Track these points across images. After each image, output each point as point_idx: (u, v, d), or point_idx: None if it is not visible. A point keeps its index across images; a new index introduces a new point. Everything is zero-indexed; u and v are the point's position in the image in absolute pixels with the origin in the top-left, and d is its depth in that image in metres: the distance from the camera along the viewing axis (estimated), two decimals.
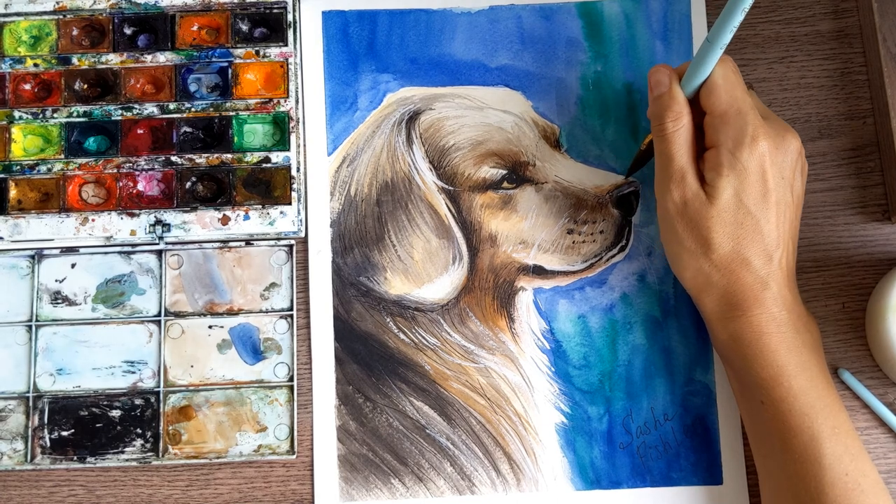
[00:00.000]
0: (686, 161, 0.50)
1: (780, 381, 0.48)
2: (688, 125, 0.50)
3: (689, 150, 0.50)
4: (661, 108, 0.51)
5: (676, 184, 0.50)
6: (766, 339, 0.49)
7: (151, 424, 0.55)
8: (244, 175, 0.57)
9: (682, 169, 0.50)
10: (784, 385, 0.48)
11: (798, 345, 0.49)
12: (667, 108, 0.50)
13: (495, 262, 0.56)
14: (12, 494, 0.55)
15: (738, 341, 0.50)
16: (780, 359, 0.49)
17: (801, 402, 0.48)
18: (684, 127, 0.50)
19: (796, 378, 0.48)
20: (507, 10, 0.59)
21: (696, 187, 0.50)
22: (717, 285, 0.50)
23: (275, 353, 0.56)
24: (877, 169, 0.57)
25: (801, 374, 0.49)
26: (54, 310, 0.56)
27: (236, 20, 0.58)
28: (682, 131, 0.50)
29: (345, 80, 0.58)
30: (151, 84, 0.58)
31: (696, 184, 0.50)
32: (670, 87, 0.51)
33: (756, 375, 0.49)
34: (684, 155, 0.50)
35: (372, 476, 0.55)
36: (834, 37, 0.59)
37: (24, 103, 0.57)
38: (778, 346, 0.49)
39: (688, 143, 0.50)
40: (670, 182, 0.50)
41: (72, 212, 0.56)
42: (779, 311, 0.49)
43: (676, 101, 0.50)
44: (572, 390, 0.56)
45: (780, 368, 0.49)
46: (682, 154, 0.50)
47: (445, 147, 0.57)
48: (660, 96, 0.51)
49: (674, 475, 0.55)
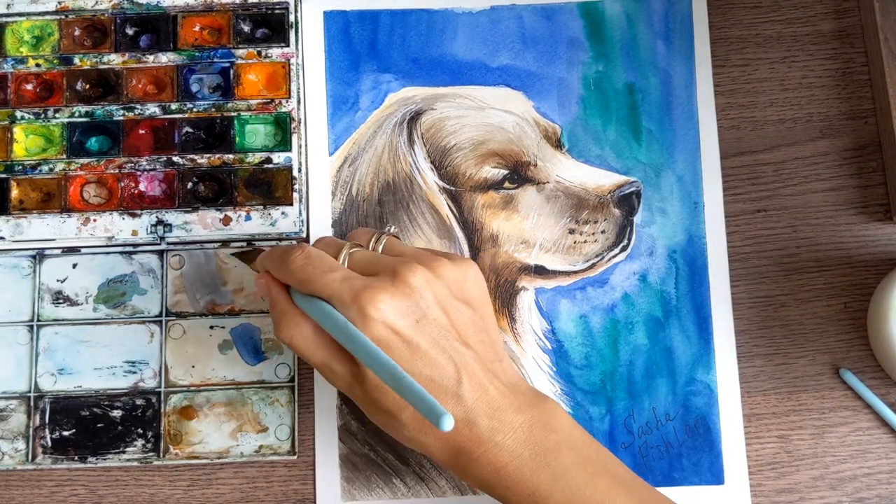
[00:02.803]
0: (322, 355, 0.47)
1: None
2: (302, 326, 0.47)
3: (319, 344, 0.47)
4: (273, 318, 0.48)
5: (331, 377, 0.47)
6: (505, 472, 0.45)
7: (152, 424, 0.55)
8: (246, 175, 0.57)
9: (324, 364, 0.47)
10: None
11: (540, 457, 0.45)
12: (276, 320, 0.48)
13: (497, 262, 0.56)
14: (14, 494, 0.55)
15: (485, 485, 0.46)
16: (528, 485, 0.45)
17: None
18: (297, 332, 0.47)
19: (553, 496, 0.45)
20: (509, 9, 0.59)
21: (347, 371, 0.46)
22: (429, 444, 0.46)
23: (276, 354, 0.56)
24: (878, 169, 0.57)
25: (556, 487, 0.45)
26: (56, 310, 0.56)
27: (238, 21, 0.58)
28: (299, 336, 0.47)
29: (346, 80, 0.58)
30: (153, 84, 0.58)
31: (347, 367, 0.46)
32: (272, 298, 0.48)
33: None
34: (316, 352, 0.47)
35: (374, 476, 0.55)
36: (836, 36, 0.59)
37: (25, 103, 0.57)
38: (520, 475, 0.45)
39: (312, 339, 0.47)
40: (325, 376, 0.47)
41: (73, 212, 0.56)
42: (503, 438, 0.45)
43: (283, 312, 0.48)
44: (574, 390, 0.55)
45: (533, 495, 0.45)
46: (314, 352, 0.47)
47: (447, 147, 0.57)
48: (269, 306, 0.49)
49: (675, 475, 0.55)
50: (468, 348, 0.46)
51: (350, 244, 0.49)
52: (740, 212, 0.57)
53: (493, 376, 0.46)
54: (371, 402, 0.46)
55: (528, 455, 0.45)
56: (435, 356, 0.45)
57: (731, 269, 0.56)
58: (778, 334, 0.56)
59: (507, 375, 0.48)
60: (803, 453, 0.55)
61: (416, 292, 0.45)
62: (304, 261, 0.47)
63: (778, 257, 0.57)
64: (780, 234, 0.57)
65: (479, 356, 0.46)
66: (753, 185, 0.57)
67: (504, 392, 0.46)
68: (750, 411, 0.55)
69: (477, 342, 0.47)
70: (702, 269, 0.56)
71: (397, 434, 0.47)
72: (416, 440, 0.46)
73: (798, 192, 0.57)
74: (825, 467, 0.55)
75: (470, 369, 0.46)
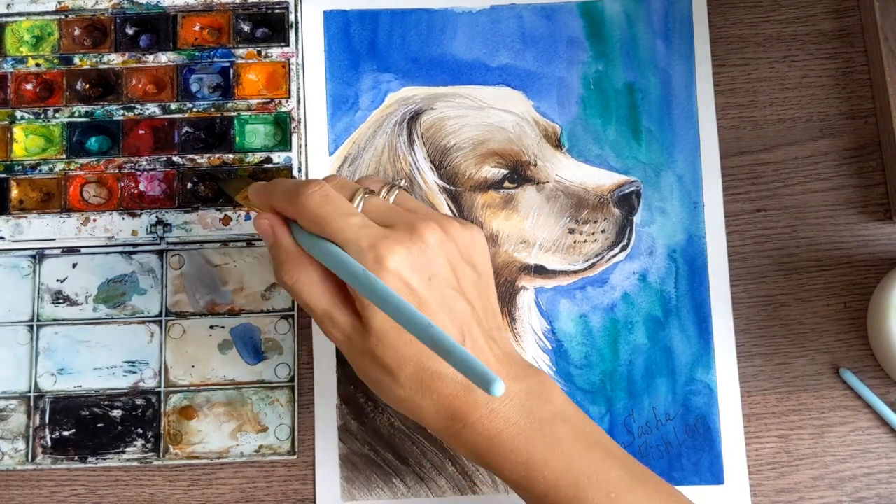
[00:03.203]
0: (325, 302, 0.45)
1: (535, 477, 0.44)
2: (308, 270, 0.46)
3: (324, 289, 0.46)
4: (275, 261, 0.47)
5: (329, 328, 0.46)
6: (500, 440, 0.44)
7: (152, 424, 0.55)
8: (246, 175, 0.57)
9: (326, 312, 0.46)
10: (539, 479, 0.44)
11: (536, 426, 0.45)
12: (280, 263, 0.46)
13: (497, 261, 0.56)
14: (14, 494, 0.55)
15: (478, 453, 0.45)
16: (522, 454, 0.44)
17: (563, 487, 0.44)
18: (303, 276, 0.46)
19: (547, 465, 0.44)
20: (509, 9, 0.59)
21: (349, 322, 0.45)
22: (425, 406, 0.45)
23: (276, 354, 0.56)
24: (878, 168, 0.57)
25: (551, 458, 0.44)
26: (55, 310, 0.56)
27: (238, 20, 0.58)
28: (304, 281, 0.46)
29: (346, 79, 0.58)
30: (153, 84, 0.58)
31: (349, 318, 0.45)
32: (276, 238, 0.47)
33: (510, 480, 0.45)
34: (320, 298, 0.45)
35: (373, 476, 0.55)
36: (836, 36, 0.59)
37: (25, 103, 0.57)
38: (515, 443, 0.44)
39: (317, 284, 0.46)
40: (323, 327, 0.46)
41: (73, 212, 0.56)
42: (499, 404, 0.44)
43: (289, 254, 0.46)
44: (574, 390, 0.55)
45: (527, 465, 0.44)
46: (318, 299, 0.46)
47: (447, 147, 0.57)
48: (270, 247, 0.47)
49: (675, 475, 0.55)
50: (472, 309, 0.46)
51: (364, 189, 0.47)
52: (740, 211, 0.57)
53: (494, 341, 0.46)
54: (369, 357, 0.45)
55: (523, 424, 0.45)
56: (441, 317, 0.44)
57: (731, 269, 0.56)
58: (778, 334, 0.56)
59: (505, 343, 0.47)
60: (803, 453, 0.55)
61: (431, 249, 0.45)
62: (322, 199, 0.45)
63: (778, 257, 0.57)
64: (780, 233, 0.57)
65: (481, 319, 0.46)
66: (753, 185, 0.57)
67: (502, 359, 0.46)
68: (750, 411, 0.55)
69: (480, 306, 0.46)
70: (702, 268, 0.56)
71: (390, 394, 0.46)
72: (411, 401, 0.45)
73: (798, 192, 0.57)
74: (825, 467, 0.55)
75: (473, 332, 0.45)
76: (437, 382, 0.45)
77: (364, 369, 0.46)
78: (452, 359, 0.39)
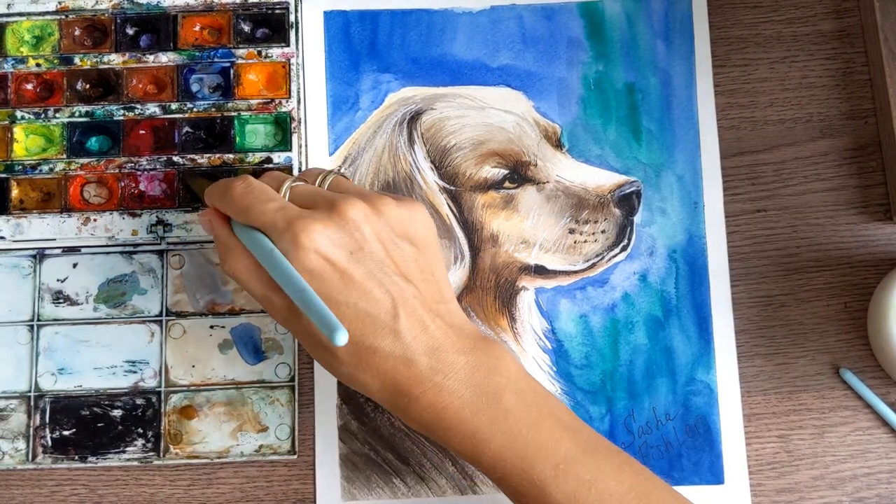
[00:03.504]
0: (262, 287, 0.46)
1: (482, 450, 0.44)
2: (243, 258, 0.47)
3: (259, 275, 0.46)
4: (217, 250, 0.49)
5: (270, 310, 0.47)
6: (445, 413, 0.44)
7: (153, 424, 0.55)
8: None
9: (264, 296, 0.47)
10: (486, 452, 0.44)
11: (481, 399, 0.44)
12: (220, 254, 0.48)
13: (497, 261, 0.56)
14: (14, 494, 0.55)
15: (427, 427, 0.45)
16: (468, 427, 0.44)
17: (509, 460, 0.44)
18: (239, 264, 0.47)
19: (493, 438, 0.44)
20: (509, 9, 0.59)
21: (283, 304, 0.46)
22: (368, 382, 0.45)
23: (276, 354, 0.56)
24: (878, 168, 0.57)
25: (497, 430, 0.44)
26: (56, 309, 0.56)
27: (238, 20, 0.58)
28: (240, 269, 0.47)
29: (346, 80, 0.58)
30: (153, 84, 0.58)
31: (283, 300, 0.46)
32: (215, 232, 0.49)
33: (461, 453, 0.45)
34: (256, 284, 0.47)
35: (374, 475, 0.55)
36: (836, 36, 0.59)
37: (26, 103, 0.57)
38: (460, 416, 0.44)
39: (253, 271, 0.47)
40: (267, 310, 0.47)
41: (73, 212, 0.56)
42: (443, 378, 0.44)
43: (225, 244, 0.48)
44: (574, 390, 0.55)
45: (474, 438, 0.44)
46: (254, 284, 0.47)
47: (447, 147, 0.57)
48: (214, 239, 0.49)
49: (675, 475, 0.55)
50: (409, 283, 0.46)
51: (293, 178, 0.49)
52: (740, 212, 0.57)
53: (436, 315, 0.46)
54: (308, 336, 0.46)
55: (468, 396, 0.45)
56: (371, 288, 0.44)
57: (731, 269, 0.56)
58: (778, 334, 0.56)
59: (453, 316, 0.47)
60: (803, 453, 0.55)
61: (351, 224, 0.45)
62: (244, 189, 0.47)
63: (778, 257, 0.57)
64: (780, 233, 0.57)
65: (420, 293, 0.46)
66: (753, 185, 0.57)
67: (447, 332, 0.46)
68: (750, 411, 0.55)
69: (420, 280, 0.46)
70: (702, 268, 0.56)
71: (336, 371, 0.46)
72: (355, 378, 0.46)
73: (798, 192, 0.57)
74: (825, 467, 0.55)
75: (409, 305, 0.45)
76: (373, 357, 0.45)
77: (310, 348, 0.47)
78: (307, 308, 0.41)
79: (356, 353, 0.45)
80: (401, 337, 0.45)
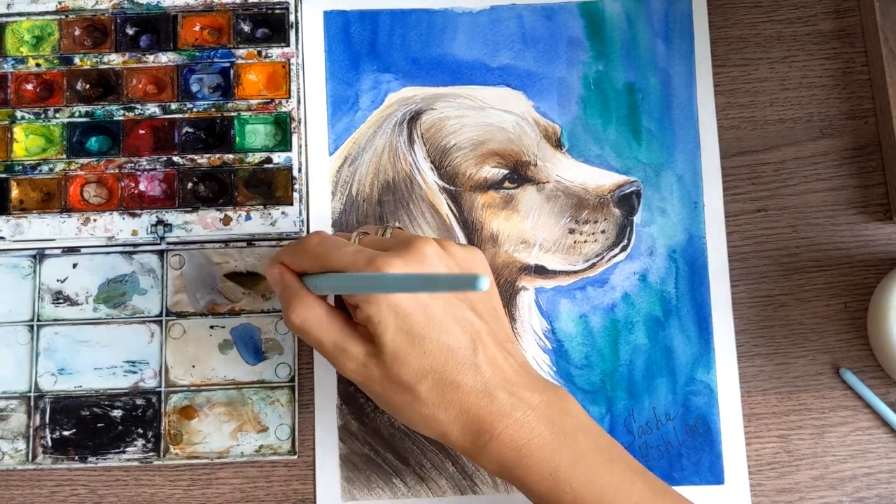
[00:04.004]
0: (335, 336, 0.47)
1: (562, 489, 0.45)
2: (315, 307, 0.47)
3: (332, 324, 0.47)
4: (283, 304, 0.48)
5: (343, 360, 0.47)
6: (527, 450, 0.45)
7: (153, 424, 0.55)
8: (246, 175, 0.57)
9: (337, 345, 0.47)
10: (567, 491, 0.45)
11: (560, 437, 0.45)
12: (287, 303, 0.48)
13: (497, 261, 0.56)
14: (14, 494, 0.55)
15: (504, 466, 0.46)
16: (550, 465, 0.45)
17: (589, 499, 0.45)
18: (311, 313, 0.47)
19: (574, 477, 0.45)
20: (509, 9, 0.59)
21: (361, 350, 0.46)
22: (449, 422, 0.46)
23: (276, 354, 0.56)
24: (878, 168, 0.57)
25: (577, 470, 0.45)
26: (56, 310, 0.56)
27: (238, 20, 0.58)
28: (311, 318, 0.47)
29: (346, 80, 0.58)
30: (153, 84, 0.58)
31: (361, 346, 0.46)
32: (284, 282, 0.49)
33: (537, 493, 0.46)
34: (329, 332, 0.47)
35: (374, 476, 0.55)
36: (836, 36, 0.59)
37: (26, 103, 0.57)
38: (542, 454, 0.45)
39: (325, 319, 0.47)
40: (336, 361, 0.47)
41: (73, 212, 0.56)
42: (523, 414, 0.45)
43: (295, 294, 0.48)
44: (574, 390, 0.55)
45: (554, 476, 0.45)
46: (327, 333, 0.47)
47: (447, 147, 0.57)
48: (280, 293, 0.49)
49: (675, 475, 0.55)
50: (481, 321, 0.47)
51: (359, 231, 0.50)
52: (740, 211, 0.57)
53: (507, 353, 0.47)
54: (387, 380, 0.46)
55: (548, 435, 0.45)
56: (450, 325, 0.45)
57: (731, 269, 0.57)
58: (778, 334, 0.56)
59: (519, 356, 0.48)
60: (803, 453, 0.55)
61: (428, 259, 0.46)
62: (319, 240, 0.48)
63: (778, 257, 0.57)
64: (781, 233, 0.57)
65: (492, 331, 0.47)
66: (753, 185, 0.57)
67: (518, 371, 0.47)
68: (750, 411, 0.55)
69: (490, 318, 0.47)
70: (702, 268, 0.56)
71: (414, 414, 0.46)
72: (434, 419, 0.46)
73: (798, 192, 0.57)
74: (825, 467, 0.55)
75: (484, 341, 0.46)
76: (457, 393, 0.45)
77: (385, 395, 0.47)
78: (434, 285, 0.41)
79: (439, 390, 0.45)
80: (481, 372, 0.45)
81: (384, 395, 0.47)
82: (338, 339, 0.47)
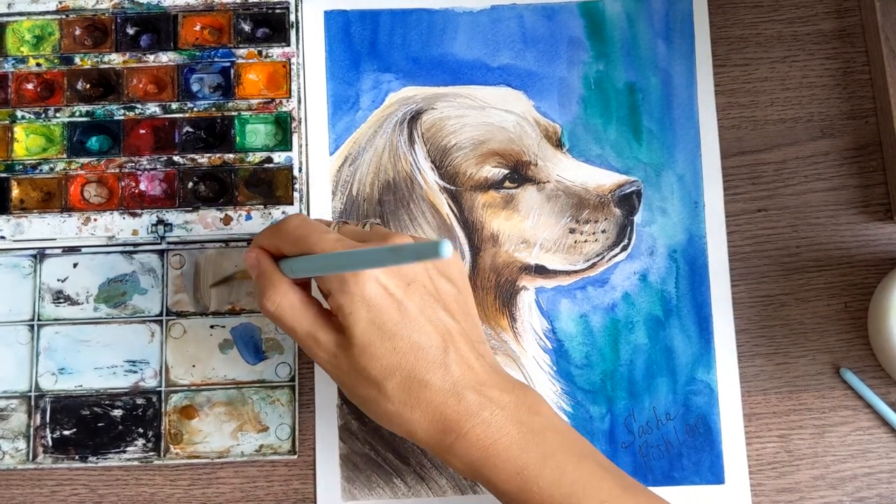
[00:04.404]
0: (308, 323, 0.47)
1: (530, 488, 0.45)
2: (289, 294, 0.47)
3: (306, 311, 0.47)
4: (258, 290, 0.48)
5: (314, 348, 0.47)
6: (494, 449, 0.45)
7: (153, 424, 0.55)
8: (246, 175, 0.57)
9: (309, 333, 0.47)
10: (534, 490, 0.45)
11: (528, 436, 0.45)
12: (262, 290, 0.47)
13: (497, 261, 0.56)
14: (14, 493, 0.55)
15: (472, 466, 0.45)
16: (517, 464, 0.45)
17: (557, 497, 0.44)
18: (284, 300, 0.47)
19: (542, 475, 0.45)
20: (509, 9, 0.59)
21: (332, 339, 0.46)
22: (415, 420, 0.45)
23: (276, 353, 0.56)
24: (879, 168, 0.57)
25: (545, 468, 0.45)
26: (56, 309, 0.56)
27: (239, 20, 0.58)
28: (285, 305, 0.47)
29: (347, 79, 0.58)
30: (154, 84, 0.58)
31: (332, 335, 0.46)
32: (260, 267, 0.48)
33: (505, 492, 0.45)
34: (302, 320, 0.47)
35: (374, 475, 0.55)
36: (836, 36, 0.59)
37: (26, 103, 0.57)
38: (509, 453, 0.45)
39: (298, 307, 0.47)
40: (308, 348, 0.47)
41: (74, 211, 0.56)
42: (490, 414, 0.45)
43: (270, 280, 0.47)
44: (574, 390, 0.55)
45: (521, 476, 0.45)
46: (299, 321, 0.47)
47: (447, 146, 0.57)
48: (256, 278, 0.49)
49: (675, 475, 0.55)
50: (454, 320, 0.46)
51: (339, 220, 0.50)
52: (741, 211, 0.57)
53: (479, 354, 0.47)
54: (355, 372, 0.46)
55: (516, 434, 0.45)
56: (423, 323, 0.45)
57: (731, 269, 0.56)
58: (778, 334, 0.56)
59: (490, 358, 0.48)
60: (804, 453, 0.55)
61: None
62: (299, 223, 0.48)
63: (778, 257, 0.57)
64: (781, 233, 0.57)
65: (464, 331, 0.47)
66: (754, 185, 0.57)
67: (489, 371, 0.46)
68: (750, 411, 0.55)
69: (462, 318, 0.47)
70: (702, 268, 0.56)
71: (380, 410, 0.46)
72: (400, 416, 0.46)
73: (798, 192, 0.57)
74: (825, 467, 0.55)
75: (456, 342, 0.46)
76: (424, 392, 0.45)
77: (352, 387, 0.47)
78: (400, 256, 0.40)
79: (407, 388, 0.45)
80: (450, 371, 0.45)
81: (352, 387, 0.47)
82: (310, 327, 0.47)
